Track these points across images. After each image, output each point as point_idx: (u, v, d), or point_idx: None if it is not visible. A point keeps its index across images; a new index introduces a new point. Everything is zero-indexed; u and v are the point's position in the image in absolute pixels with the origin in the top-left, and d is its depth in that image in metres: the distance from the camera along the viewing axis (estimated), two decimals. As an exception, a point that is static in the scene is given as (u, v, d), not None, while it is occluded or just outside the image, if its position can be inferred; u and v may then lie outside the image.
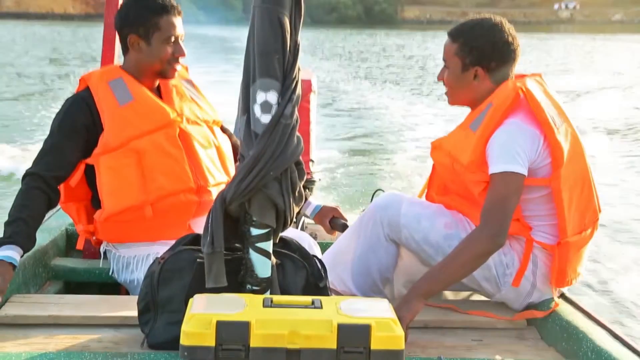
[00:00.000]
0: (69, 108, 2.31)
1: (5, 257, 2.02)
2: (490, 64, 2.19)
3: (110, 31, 2.75)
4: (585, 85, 18.10)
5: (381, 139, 10.86)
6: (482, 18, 2.29)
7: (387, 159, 9.31)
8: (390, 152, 9.80)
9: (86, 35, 52.64)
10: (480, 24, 2.25)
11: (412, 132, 11.32)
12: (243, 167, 1.78)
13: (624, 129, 11.96)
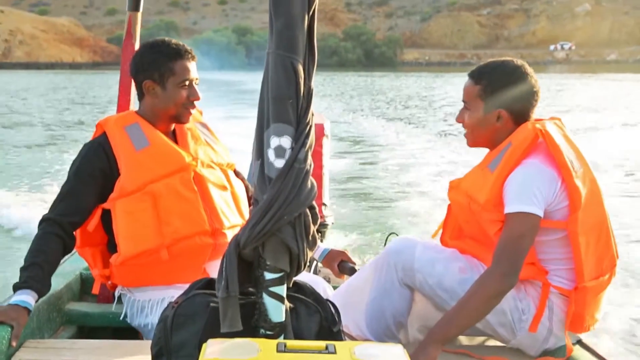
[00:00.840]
0: (86, 154, 2.32)
1: (20, 301, 2.02)
2: (513, 106, 2.18)
3: (125, 77, 2.77)
4: (584, 122, 18.16)
5: (393, 182, 10.72)
6: (503, 60, 2.29)
7: (398, 201, 9.17)
8: (402, 194, 9.64)
9: (95, 82, 53.25)
10: (502, 66, 2.24)
11: (426, 173, 11.19)
12: (257, 211, 1.77)
13: (627, 165, 11.86)
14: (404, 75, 66.94)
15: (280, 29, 1.72)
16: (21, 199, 8.78)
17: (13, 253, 6.21)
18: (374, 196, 9.64)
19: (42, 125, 21.63)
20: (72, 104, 32.60)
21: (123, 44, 2.89)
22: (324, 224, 3.26)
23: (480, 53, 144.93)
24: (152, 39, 2.41)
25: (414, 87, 40.39)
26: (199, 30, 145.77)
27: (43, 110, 27.54)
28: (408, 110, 25.50)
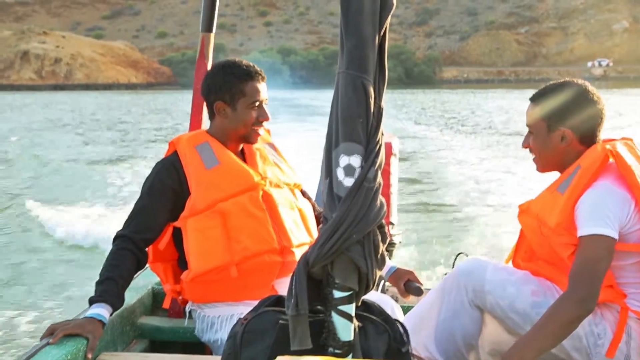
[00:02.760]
0: (158, 172, 2.32)
1: (95, 314, 2.03)
2: (576, 125, 2.10)
3: (198, 97, 2.76)
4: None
5: (461, 201, 10.46)
6: (563, 81, 2.21)
7: (466, 220, 8.96)
8: (471, 213, 9.40)
9: (150, 101, 54.28)
10: (562, 86, 2.18)
11: (493, 192, 10.94)
12: (326, 229, 1.73)
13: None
14: (444, 91, 66.66)
15: (351, 48, 1.69)
16: (96, 214, 8.95)
17: (89, 268, 6.30)
18: (441, 215, 9.46)
19: (111, 142, 22.01)
20: (137, 121, 33.20)
21: (196, 64, 2.90)
22: (392, 243, 3.19)
23: (518, 70, 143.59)
24: (224, 59, 2.40)
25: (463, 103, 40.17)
26: (245, 51, 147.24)
27: (110, 128, 28.09)
28: (468, 127, 25.26)
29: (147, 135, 24.79)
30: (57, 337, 1.93)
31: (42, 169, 15.01)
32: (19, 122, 32.86)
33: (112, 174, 13.65)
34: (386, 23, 1.73)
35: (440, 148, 17.96)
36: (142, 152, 18.14)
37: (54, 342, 1.91)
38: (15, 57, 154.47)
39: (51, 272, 6.54)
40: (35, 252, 7.36)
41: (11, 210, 9.84)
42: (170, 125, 30.24)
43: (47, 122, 33.45)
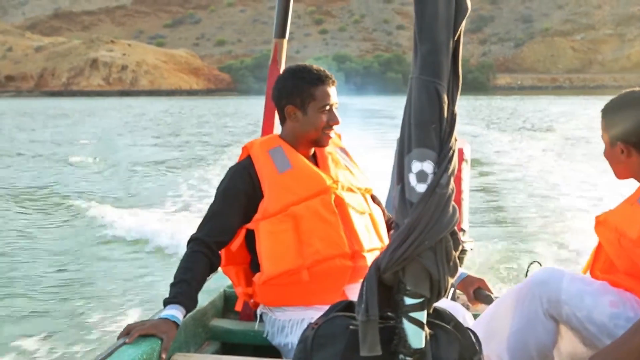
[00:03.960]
0: (232, 176, 2.32)
1: (169, 315, 2.02)
2: (629, 138, 2.02)
3: (270, 102, 2.75)
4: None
5: (532, 207, 10.11)
6: (626, 91, 2.12)
7: (539, 228, 8.63)
8: (543, 220, 9.05)
9: (211, 107, 55.19)
10: (620, 97, 2.10)
11: (566, 198, 10.56)
12: (398, 235, 1.68)
13: None
14: (499, 97, 65.83)
15: (424, 54, 1.64)
16: (167, 217, 9.03)
17: (162, 270, 6.41)
18: (512, 222, 9.18)
19: (179, 146, 22.35)
20: (204, 126, 33.75)
21: (269, 70, 2.89)
22: (463, 250, 3.11)
23: (572, 77, 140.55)
24: (295, 64, 2.38)
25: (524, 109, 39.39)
26: (301, 59, 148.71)
27: (177, 133, 28.59)
28: (537, 133, 24.83)
29: (216, 139, 25.17)
30: (133, 337, 1.94)
31: (114, 172, 15.30)
32: (91, 126, 33.81)
33: (182, 177, 13.83)
34: (461, 28, 1.67)
35: (508, 153, 17.63)
36: (210, 156, 18.37)
37: (130, 342, 1.92)
38: (85, 64, 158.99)
39: (124, 273, 6.62)
40: (106, 255, 7.47)
41: (82, 212, 10.01)
42: (236, 130, 30.66)
43: (117, 126, 34.29)
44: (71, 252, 7.60)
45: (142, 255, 7.44)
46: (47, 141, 24.96)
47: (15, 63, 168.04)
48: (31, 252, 7.59)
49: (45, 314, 5.50)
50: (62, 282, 6.43)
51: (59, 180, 13.78)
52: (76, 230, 8.85)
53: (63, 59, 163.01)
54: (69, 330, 5.04)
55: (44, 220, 9.58)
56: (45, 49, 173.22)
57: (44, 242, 8.17)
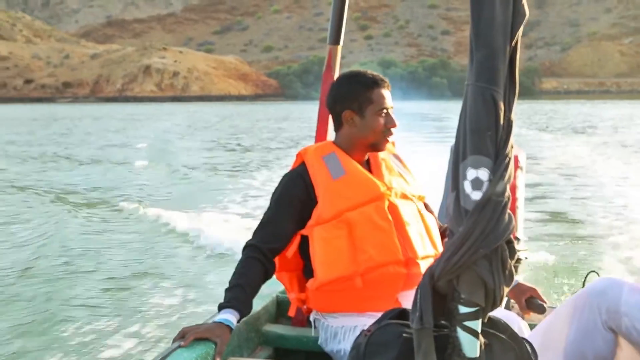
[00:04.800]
0: (287, 183, 2.30)
1: (223, 319, 2.01)
2: None
3: (324, 108, 2.72)
4: None
5: (589, 216, 9.73)
6: None
7: (595, 236, 8.34)
8: (600, 230, 8.71)
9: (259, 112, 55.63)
10: None
11: (624, 206, 10.23)
12: (452, 243, 1.64)
13: None
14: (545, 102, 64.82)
15: (481, 60, 1.59)
16: (222, 222, 9.06)
17: (217, 274, 6.43)
18: (567, 230, 8.88)
19: (232, 150, 22.54)
20: (257, 131, 34.03)
21: (323, 76, 2.85)
22: (518, 259, 3.04)
23: (620, 81, 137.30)
24: (349, 70, 2.37)
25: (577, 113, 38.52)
26: (346, 64, 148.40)
27: (229, 137, 28.85)
28: (594, 138, 24.30)
29: (269, 143, 25.34)
30: (188, 340, 1.93)
31: (169, 176, 15.47)
32: (147, 131, 34.41)
33: (236, 182, 13.91)
34: (518, 33, 1.62)
35: (563, 159, 17.29)
36: (265, 160, 18.48)
37: (185, 345, 1.92)
38: (139, 71, 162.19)
39: (180, 277, 6.65)
40: (164, 258, 7.53)
41: (139, 215, 10.14)
42: (288, 134, 30.83)
43: (171, 130, 34.81)
44: (128, 255, 7.69)
45: (198, 259, 7.47)
46: (104, 145, 25.49)
47: (72, 70, 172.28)
48: (90, 254, 7.69)
49: (102, 313, 5.57)
50: (118, 284, 6.52)
51: (117, 183, 14.01)
52: (134, 233, 8.94)
53: (117, 66, 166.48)
54: (125, 331, 5.09)
55: (104, 222, 9.72)
56: (100, 56, 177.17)
57: (102, 243, 8.30)
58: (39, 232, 8.88)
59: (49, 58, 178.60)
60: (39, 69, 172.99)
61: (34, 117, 60.99)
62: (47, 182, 14.80)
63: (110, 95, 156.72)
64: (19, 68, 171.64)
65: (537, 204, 10.71)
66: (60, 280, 6.50)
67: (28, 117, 63.16)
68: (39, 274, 6.74)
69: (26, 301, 5.86)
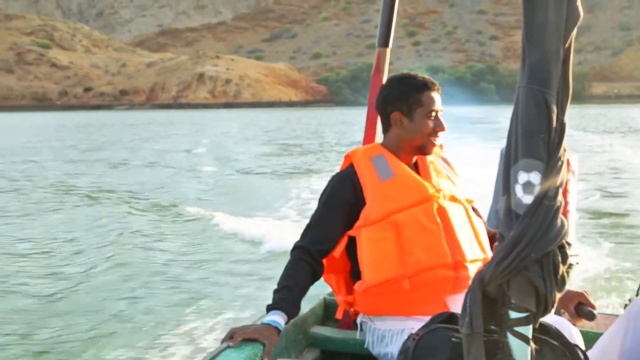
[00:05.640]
0: (335, 185, 2.27)
1: (271, 321, 2.00)
2: None
3: (373, 111, 2.69)
4: None
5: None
6: None
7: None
8: None
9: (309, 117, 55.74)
10: None
11: None
12: (503, 247, 1.59)
13: None
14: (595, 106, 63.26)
15: (533, 63, 1.55)
16: (276, 224, 9.09)
17: (269, 276, 6.45)
18: (621, 236, 8.60)
19: (286, 154, 22.63)
20: (309, 136, 34.14)
21: (371, 79, 2.82)
22: (570, 264, 2.95)
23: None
24: (399, 73, 2.33)
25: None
26: (394, 70, 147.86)
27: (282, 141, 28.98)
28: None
29: (324, 147, 25.38)
30: (236, 341, 1.92)
31: (226, 180, 15.62)
32: (202, 136, 34.85)
33: (289, 184, 13.98)
34: (572, 35, 1.57)
35: (616, 162, 16.83)
36: (321, 164, 18.51)
37: (233, 346, 1.91)
38: (192, 79, 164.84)
39: (232, 279, 6.71)
40: (219, 261, 7.59)
41: (198, 218, 10.24)
42: (337, 138, 30.82)
43: (226, 136, 35.18)
44: (185, 257, 7.78)
45: (249, 261, 7.51)
46: (162, 150, 25.90)
47: (128, 78, 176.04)
48: (150, 255, 7.82)
49: (157, 312, 5.64)
50: (172, 283, 6.60)
51: (175, 188, 14.21)
52: (193, 236, 9.03)
53: (172, 74, 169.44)
54: (179, 328, 5.15)
55: (163, 226, 9.86)
56: (155, 64, 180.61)
57: (159, 245, 8.42)
58: (99, 234, 9.09)
59: (107, 67, 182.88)
60: (98, 78, 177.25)
61: (93, 124, 62.50)
62: (106, 185, 15.13)
63: (165, 102, 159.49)
64: (79, 77, 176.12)
65: (589, 208, 10.45)
66: (122, 282, 6.62)
67: (88, 123, 64.82)
68: (101, 276, 6.89)
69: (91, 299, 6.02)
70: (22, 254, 8.20)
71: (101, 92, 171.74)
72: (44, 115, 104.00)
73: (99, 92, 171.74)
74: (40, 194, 13.89)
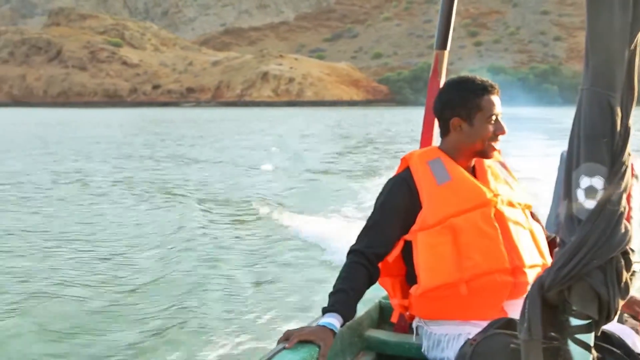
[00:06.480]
0: (391, 188, 2.23)
1: (327, 323, 1.98)
2: None
3: (430, 114, 2.64)
4: None
5: None
6: None
7: None
8: None
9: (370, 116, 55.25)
10: None
11: None
12: (564, 253, 1.54)
13: None
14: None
15: (597, 65, 1.49)
16: (334, 226, 9.05)
17: (326, 278, 6.41)
18: None
19: (349, 154, 22.52)
20: (380, 136, 34.00)
21: (429, 81, 2.77)
22: (633, 271, 2.84)
23: None
24: (457, 76, 2.28)
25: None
26: (455, 71, 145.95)
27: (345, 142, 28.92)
28: None
29: (389, 147, 25.21)
30: (292, 343, 1.91)
31: (292, 178, 15.63)
32: (269, 134, 35.10)
33: (352, 184, 13.90)
34: (637, 37, 1.51)
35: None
36: (387, 165, 18.38)
37: (289, 347, 1.90)
38: (257, 77, 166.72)
39: (291, 279, 6.70)
40: (278, 261, 7.59)
41: (264, 216, 10.27)
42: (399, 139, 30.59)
43: (291, 134, 35.35)
44: (252, 255, 7.81)
45: (315, 261, 7.48)
46: (227, 147, 26.20)
47: (195, 76, 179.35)
48: (214, 254, 7.83)
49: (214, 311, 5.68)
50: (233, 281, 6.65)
51: (241, 186, 14.27)
52: (259, 235, 9.05)
53: (237, 72, 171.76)
54: (236, 328, 5.19)
55: (230, 224, 9.91)
56: (220, 63, 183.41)
57: (224, 243, 8.46)
58: (166, 231, 9.25)
59: (175, 65, 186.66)
60: (166, 76, 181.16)
61: (163, 120, 63.82)
62: (172, 181, 15.39)
63: (230, 100, 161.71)
64: (148, 75, 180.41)
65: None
66: (190, 280, 6.68)
67: (157, 119, 66.24)
68: (166, 271, 7.00)
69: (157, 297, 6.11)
70: (85, 240, 8.53)
71: (169, 89, 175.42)
72: (115, 112, 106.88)
73: (166, 89, 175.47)
74: (107, 188, 14.23)
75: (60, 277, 6.74)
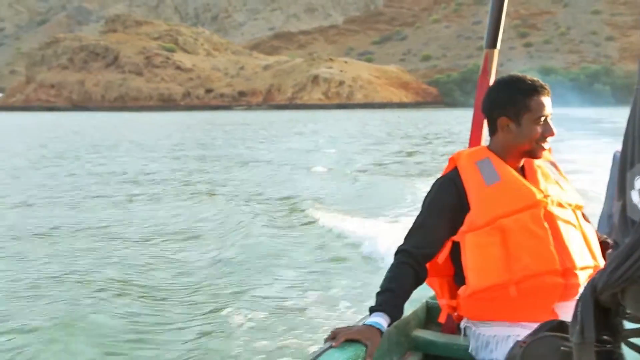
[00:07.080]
0: (438, 189, 2.19)
1: (374, 322, 1.96)
2: None
3: (479, 114, 2.60)
4: None
5: None
6: None
7: None
8: None
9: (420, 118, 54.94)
10: None
11: None
12: (617, 255, 1.48)
13: None
14: None
15: (653, 62, 1.42)
16: (383, 226, 9.01)
17: (373, 279, 6.36)
18: None
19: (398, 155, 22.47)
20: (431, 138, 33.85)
21: (478, 81, 2.72)
22: None
23: None
24: (507, 75, 2.22)
25: None
26: (505, 72, 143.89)
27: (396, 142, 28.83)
28: None
29: (441, 149, 25.09)
30: (339, 342, 1.89)
31: (345, 180, 15.59)
32: (321, 136, 35.24)
33: (405, 185, 13.82)
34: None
35: None
36: (429, 165, 18.26)
37: (336, 346, 1.88)
38: (307, 80, 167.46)
39: (335, 280, 6.68)
40: (321, 261, 7.59)
41: (314, 218, 10.26)
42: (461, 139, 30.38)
43: (347, 136, 35.37)
44: (305, 256, 7.82)
45: (354, 262, 7.45)
46: (279, 149, 26.35)
47: (246, 80, 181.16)
48: (267, 256, 7.85)
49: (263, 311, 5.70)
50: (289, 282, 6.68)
51: (293, 188, 14.28)
52: (312, 235, 9.06)
53: (287, 76, 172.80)
54: (284, 325, 5.21)
55: (281, 226, 9.92)
56: (271, 67, 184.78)
57: (279, 245, 8.49)
58: (220, 230, 9.37)
59: (227, 69, 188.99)
60: (218, 80, 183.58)
61: (217, 123, 64.71)
62: (226, 182, 15.56)
63: (281, 102, 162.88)
64: (201, 79, 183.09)
65: None
66: (240, 278, 6.74)
67: (210, 121, 67.20)
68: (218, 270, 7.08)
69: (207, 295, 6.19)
70: (143, 239, 8.70)
71: (221, 93, 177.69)
72: (170, 115, 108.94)
73: (219, 93, 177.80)
74: (160, 188, 14.48)
75: (121, 276, 6.87)
